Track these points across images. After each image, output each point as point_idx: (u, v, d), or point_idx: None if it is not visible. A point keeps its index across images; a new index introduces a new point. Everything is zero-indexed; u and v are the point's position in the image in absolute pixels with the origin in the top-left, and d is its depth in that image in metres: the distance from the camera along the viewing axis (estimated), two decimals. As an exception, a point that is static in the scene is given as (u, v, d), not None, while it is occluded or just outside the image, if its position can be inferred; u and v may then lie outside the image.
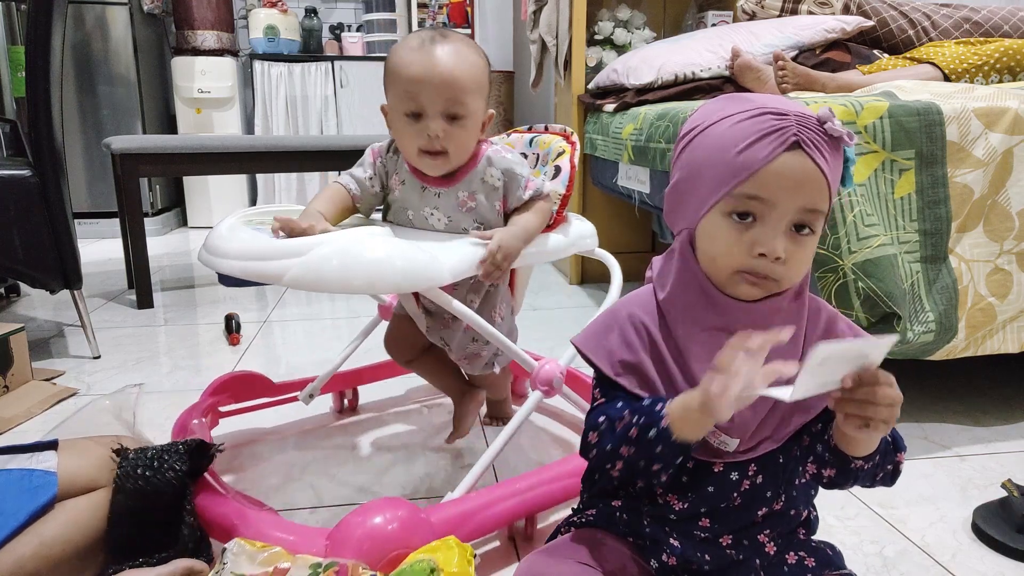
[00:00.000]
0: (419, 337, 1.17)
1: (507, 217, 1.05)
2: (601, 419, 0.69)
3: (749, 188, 0.62)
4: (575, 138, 1.13)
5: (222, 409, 1.30)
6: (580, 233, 1.12)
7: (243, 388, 1.33)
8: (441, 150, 0.97)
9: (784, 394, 0.58)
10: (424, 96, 0.94)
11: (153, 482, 0.87)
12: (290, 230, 0.91)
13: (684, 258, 0.69)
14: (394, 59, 0.96)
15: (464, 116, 0.96)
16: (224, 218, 1.03)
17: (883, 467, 0.69)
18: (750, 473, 0.69)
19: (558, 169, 1.10)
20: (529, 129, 1.22)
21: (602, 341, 0.71)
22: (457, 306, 0.97)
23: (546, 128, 1.19)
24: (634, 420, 0.66)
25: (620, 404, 0.69)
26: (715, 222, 0.65)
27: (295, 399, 1.36)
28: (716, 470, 0.69)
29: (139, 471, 0.87)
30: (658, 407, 0.64)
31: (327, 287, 0.86)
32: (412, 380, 1.57)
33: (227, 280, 0.94)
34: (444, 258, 0.91)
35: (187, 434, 1.12)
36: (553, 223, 1.09)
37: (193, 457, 0.91)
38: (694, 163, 0.66)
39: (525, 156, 1.17)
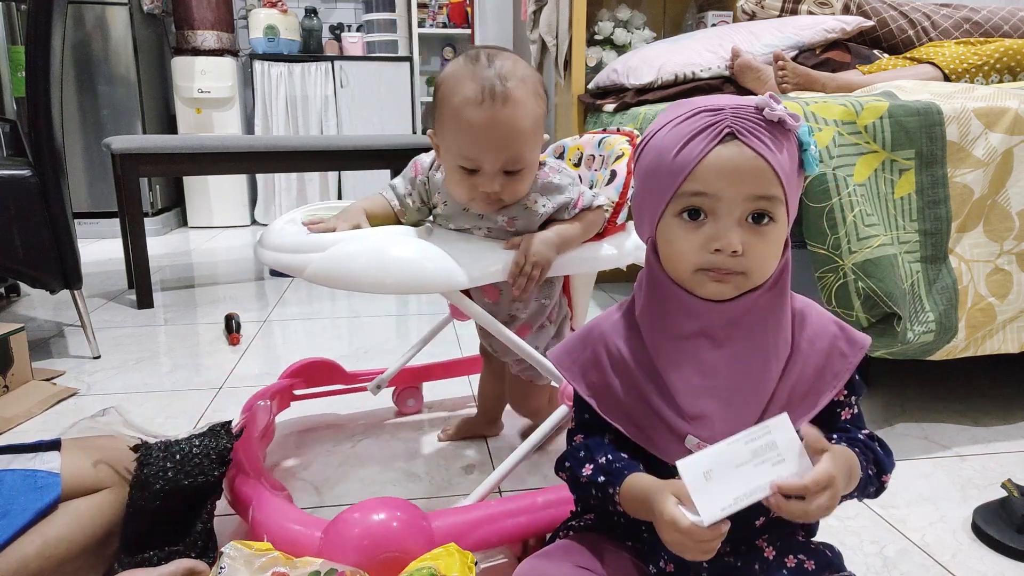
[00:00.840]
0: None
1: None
2: (567, 464, 0.72)
3: (691, 185, 0.63)
4: (637, 138, 1.06)
5: (296, 392, 1.35)
6: (638, 243, 1.03)
7: (318, 374, 1.37)
8: (496, 199, 0.93)
9: (697, 518, 0.58)
10: (484, 157, 0.89)
11: (183, 485, 0.87)
12: (317, 228, 0.93)
13: (650, 267, 0.69)
14: (453, 102, 0.88)
15: (522, 169, 0.91)
16: (289, 211, 1.05)
17: (866, 492, 0.68)
18: None
19: (613, 174, 1.04)
20: (604, 130, 1.17)
21: (577, 359, 0.73)
22: (476, 310, 0.96)
23: (618, 129, 1.14)
24: (593, 492, 0.69)
25: (582, 454, 0.71)
26: (669, 225, 0.65)
27: (364, 389, 1.39)
28: None
29: (170, 474, 0.87)
30: (611, 491, 0.67)
31: (344, 284, 0.86)
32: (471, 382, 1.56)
33: (274, 271, 0.96)
34: (467, 263, 0.89)
35: (252, 413, 1.16)
36: (605, 231, 1.01)
37: (225, 460, 0.93)
38: (644, 172, 0.67)
39: (593, 157, 1.12)
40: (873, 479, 0.68)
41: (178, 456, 0.89)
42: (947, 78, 1.72)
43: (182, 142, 2.46)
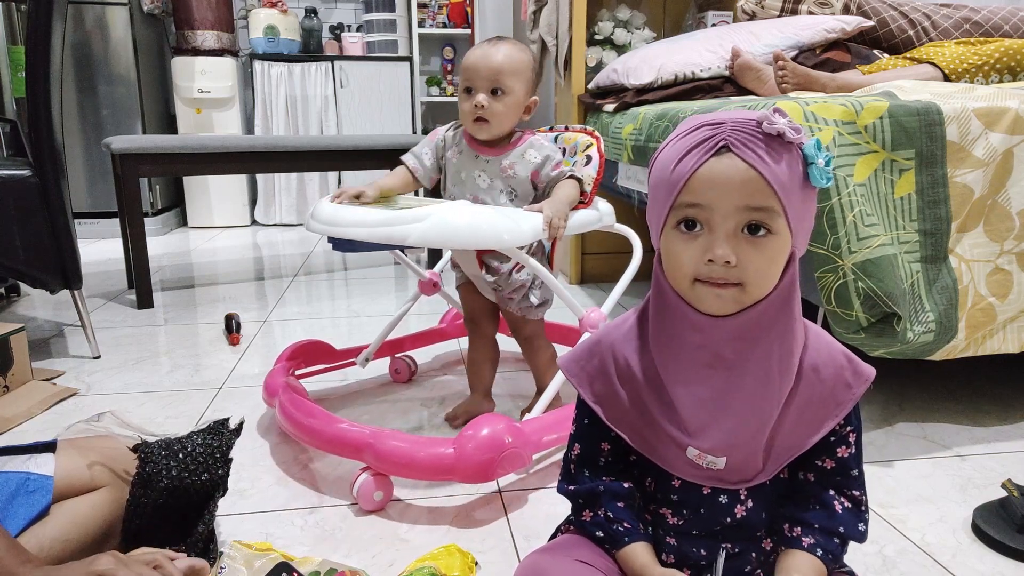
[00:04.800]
0: (488, 307, 1.43)
1: (538, 189, 1.31)
2: (571, 488, 0.75)
3: (686, 197, 0.63)
4: (597, 133, 1.34)
5: (297, 372, 1.46)
6: (605, 210, 1.35)
7: (312, 354, 1.51)
8: (485, 118, 1.23)
9: None
10: (475, 76, 1.23)
11: (188, 482, 0.87)
12: (347, 196, 1.20)
13: (657, 279, 0.69)
14: (464, 58, 1.27)
15: (504, 93, 1.23)
16: (320, 200, 1.24)
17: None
18: (742, 497, 0.70)
19: (589, 158, 1.31)
20: (551, 129, 1.40)
21: (584, 367, 0.74)
22: (524, 258, 1.19)
23: (566, 128, 1.39)
24: (595, 532, 0.73)
25: (580, 501, 0.75)
26: (669, 237, 0.65)
27: (354, 364, 1.57)
28: (704, 492, 0.70)
29: (174, 471, 0.87)
30: (607, 546, 0.72)
31: (444, 243, 1.10)
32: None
33: (339, 245, 1.21)
34: (523, 223, 1.13)
35: (280, 390, 1.29)
36: (588, 201, 1.29)
37: (227, 458, 0.92)
38: (650, 186, 0.68)
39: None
40: (839, 558, 0.71)
41: (180, 454, 0.89)
42: (947, 78, 1.72)
43: (182, 142, 2.46)
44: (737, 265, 0.62)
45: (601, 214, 1.32)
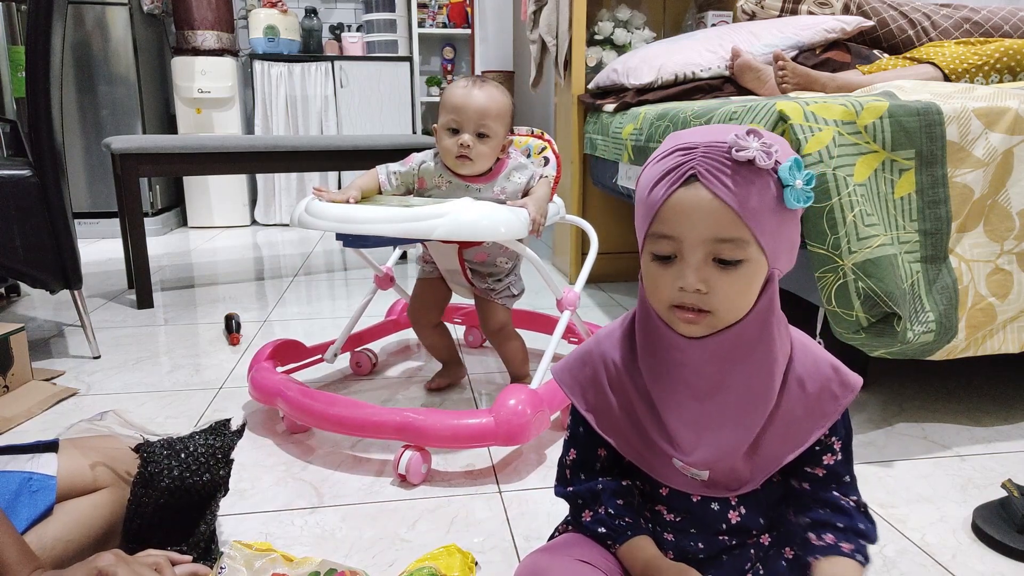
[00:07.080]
0: (441, 302, 1.54)
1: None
2: (569, 489, 0.76)
3: (657, 227, 0.63)
4: (547, 136, 1.50)
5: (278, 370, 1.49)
6: (560, 204, 1.48)
7: (287, 352, 1.56)
8: (469, 156, 1.32)
9: None
10: (464, 118, 1.31)
11: (189, 483, 0.87)
12: (329, 197, 1.26)
13: (641, 298, 0.70)
14: (446, 95, 1.34)
15: (488, 136, 1.32)
16: (306, 200, 1.28)
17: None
18: (733, 504, 0.70)
19: (547, 160, 1.48)
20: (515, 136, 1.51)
21: (577, 376, 0.75)
22: (521, 247, 1.31)
23: (531, 132, 1.53)
24: (597, 529, 0.73)
25: (580, 502, 0.75)
26: (646, 262, 0.66)
27: (323, 360, 1.63)
28: (694, 500, 0.71)
29: (176, 472, 0.87)
30: (609, 543, 0.72)
31: (465, 236, 1.17)
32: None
33: (350, 241, 1.25)
34: (519, 220, 1.23)
35: (283, 386, 1.31)
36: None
37: (229, 459, 0.92)
38: (635, 203, 0.68)
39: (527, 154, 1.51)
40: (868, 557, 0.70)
41: (183, 455, 0.89)
42: (947, 78, 1.72)
43: (182, 142, 2.46)
44: (708, 292, 0.62)
45: (559, 207, 1.46)
